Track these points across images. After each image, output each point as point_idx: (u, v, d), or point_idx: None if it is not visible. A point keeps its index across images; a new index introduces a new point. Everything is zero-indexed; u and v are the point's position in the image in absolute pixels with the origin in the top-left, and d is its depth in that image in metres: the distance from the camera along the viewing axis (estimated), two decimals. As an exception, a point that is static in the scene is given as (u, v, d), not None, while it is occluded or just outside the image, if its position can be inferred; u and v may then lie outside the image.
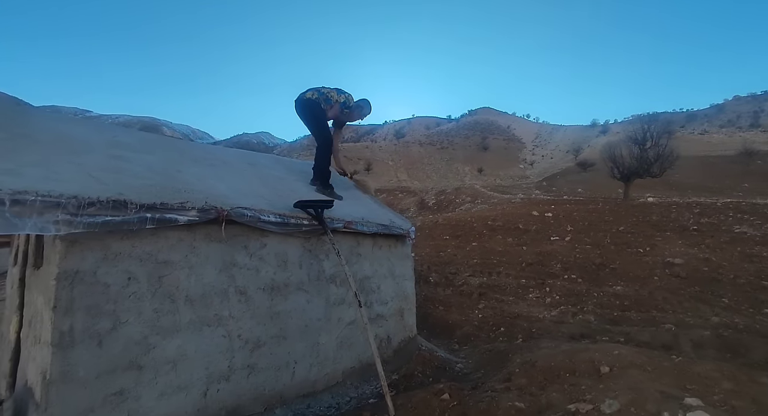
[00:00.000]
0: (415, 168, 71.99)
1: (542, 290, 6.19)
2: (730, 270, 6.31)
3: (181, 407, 2.53)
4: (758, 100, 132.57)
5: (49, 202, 2.04)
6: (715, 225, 10.08)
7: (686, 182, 34.21)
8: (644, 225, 11.39)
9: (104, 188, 2.33)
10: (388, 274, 4.01)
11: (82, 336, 2.20)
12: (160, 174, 2.91)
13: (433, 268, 8.02)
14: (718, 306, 4.86)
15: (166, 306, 2.53)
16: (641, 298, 5.29)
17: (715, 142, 69.40)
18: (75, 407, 2.14)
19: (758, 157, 44.86)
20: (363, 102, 4.20)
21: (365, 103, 4.22)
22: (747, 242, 8.03)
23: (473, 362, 3.70)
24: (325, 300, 3.43)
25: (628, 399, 2.13)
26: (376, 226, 3.77)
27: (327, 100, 3.91)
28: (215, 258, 2.79)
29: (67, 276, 2.17)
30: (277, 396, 3.02)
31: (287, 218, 3.11)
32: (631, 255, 7.85)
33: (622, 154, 22.55)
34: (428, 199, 32.98)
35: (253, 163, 4.46)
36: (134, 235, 2.42)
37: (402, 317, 4.09)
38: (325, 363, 3.36)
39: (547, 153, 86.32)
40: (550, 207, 16.70)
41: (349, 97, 4.07)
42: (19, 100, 3.44)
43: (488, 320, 4.99)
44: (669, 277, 6.28)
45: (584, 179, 41.96)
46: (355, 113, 4.14)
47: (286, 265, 3.19)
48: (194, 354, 2.62)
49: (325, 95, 3.93)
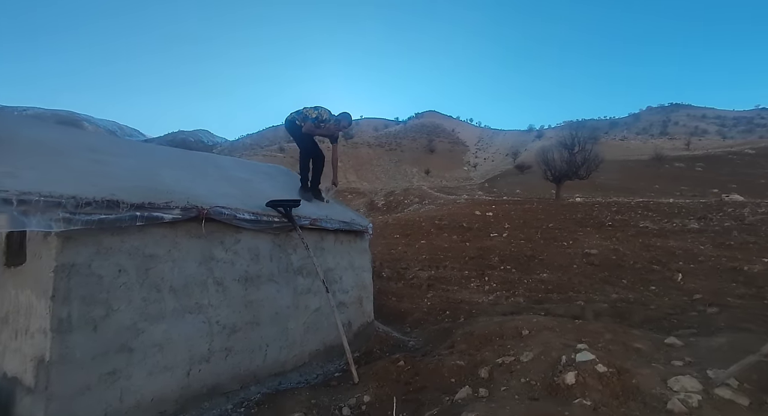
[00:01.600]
0: (363, 169, 72.54)
1: (482, 279, 6.98)
2: (631, 257, 7.56)
3: (167, 385, 2.82)
4: (666, 110, 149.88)
5: (51, 202, 2.29)
6: (626, 221, 11.70)
7: (609, 184, 37.92)
8: (570, 222, 12.85)
9: (97, 189, 2.57)
10: (349, 266, 4.47)
11: (79, 323, 2.44)
12: (141, 176, 3.15)
13: (386, 264, 8.58)
14: (619, 286, 5.92)
15: (153, 295, 2.81)
16: (562, 282, 6.24)
17: (632, 147, 77.39)
18: (73, 385, 2.39)
19: (666, 162, 50.81)
20: (341, 115, 4.57)
21: (343, 116, 4.57)
22: (647, 235, 9.54)
23: (423, 339, 4.28)
24: (293, 289, 3.81)
25: (539, 350, 2.80)
26: (338, 223, 4.22)
27: (304, 117, 4.39)
28: (195, 252, 3.09)
29: (64, 269, 2.40)
30: (252, 375, 3.37)
31: (260, 216, 3.46)
32: (557, 247, 8.98)
33: (554, 157, 24.53)
34: (377, 199, 33.68)
35: (217, 166, 4.70)
36: (123, 231, 2.68)
37: (361, 304, 4.57)
38: (293, 346, 3.74)
39: (489, 156, 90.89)
40: (491, 207, 18.01)
41: (322, 112, 4.45)
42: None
43: (436, 306, 5.62)
44: (585, 265, 7.38)
45: (522, 181, 44.96)
46: (332, 126, 4.48)
47: (258, 259, 3.54)
48: (178, 338, 2.91)
49: (303, 113, 4.41)
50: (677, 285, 5.61)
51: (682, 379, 2.20)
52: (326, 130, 4.50)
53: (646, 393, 2.17)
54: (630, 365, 2.42)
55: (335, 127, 4.52)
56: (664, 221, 11.32)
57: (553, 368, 2.54)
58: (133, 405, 2.64)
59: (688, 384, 2.16)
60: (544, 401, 2.25)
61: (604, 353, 2.57)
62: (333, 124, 4.48)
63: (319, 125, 4.42)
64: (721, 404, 2.00)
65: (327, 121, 4.45)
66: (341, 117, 4.55)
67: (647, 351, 2.70)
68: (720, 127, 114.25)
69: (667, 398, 2.09)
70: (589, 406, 2.12)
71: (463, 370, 2.88)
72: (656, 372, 2.34)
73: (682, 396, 2.07)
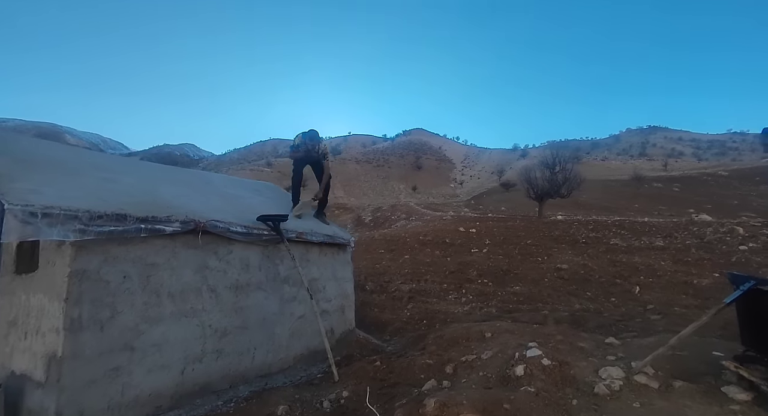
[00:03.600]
0: (351, 185, 73.00)
1: (459, 292, 7.37)
2: (598, 272, 8.08)
3: (164, 382, 3.11)
4: (645, 132, 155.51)
5: (69, 215, 2.62)
6: (599, 239, 12.31)
7: (591, 202, 39.04)
8: (548, 239, 13.41)
9: (106, 204, 2.91)
10: (332, 277, 4.82)
11: (88, 323, 2.75)
12: (143, 192, 3.50)
13: (370, 278, 8.91)
14: (583, 297, 6.38)
15: (153, 299, 3.12)
16: (532, 294, 6.67)
17: (613, 167, 79.92)
18: (82, 379, 2.68)
19: (645, 182, 52.63)
20: (304, 135, 4.87)
21: (305, 135, 4.86)
22: (616, 251, 10.12)
23: (401, 345, 4.61)
24: (280, 297, 4.14)
25: (498, 349, 3.19)
26: (322, 236, 4.59)
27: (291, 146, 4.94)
28: (191, 261, 3.42)
29: (77, 274, 2.72)
30: (241, 375, 3.66)
31: (251, 229, 3.82)
32: (532, 263, 9.46)
33: (536, 176, 25.28)
34: (365, 215, 33.97)
35: (208, 182, 5.06)
36: (128, 242, 3.01)
37: (343, 312, 4.90)
38: (279, 350, 4.05)
39: (475, 173, 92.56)
40: (475, 223, 18.54)
41: (296, 138, 4.85)
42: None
43: (415, 317, 5.97)
44: (556, 279, 7.86)
45: (507, 198, 45.91)
46: (302, 150, 4.83)
47: (248, 268, 3.88)
48: (174, 340, 3.22)
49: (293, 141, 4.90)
50: (634, 297, 6.10)
51: (610, 369, 2.60)
52: (302, 153, 4.80)
53: (580, 380, 2.57)
54: (571, 359, 2.82)
55: (304, 148, 4.78)
56: (633, 239, 11.97)
57: (506, 363, 2.92)
58: (133, 400, 2.92)
59: (614, 372, 2.57)
60: (496, 389, 2.63)
61: (551, 350, 2.97)
62: (303, 147, 4.77)
63: (297, 150, 4.79)
64: (637, 387, 2.40)
65: (299, 145, 4.78)
66: (305, 137, 4.81)
67: (589, 349, 3.10)
68: (695, 150, 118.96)
69: (595, 384, 2.48)
70: (533, 392, 2.50)
71: (431, 367, 3.24)
72: (591, 365, 2.74)
73: (608, 382, 2.47)
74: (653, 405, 2.18)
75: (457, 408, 2.39)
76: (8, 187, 2.56)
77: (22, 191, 2.59)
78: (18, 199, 2.46)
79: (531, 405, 2.36)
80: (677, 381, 2.35)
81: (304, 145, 4.80)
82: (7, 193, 2.48)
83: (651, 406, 2.17)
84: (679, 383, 2.32)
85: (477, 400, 2.42)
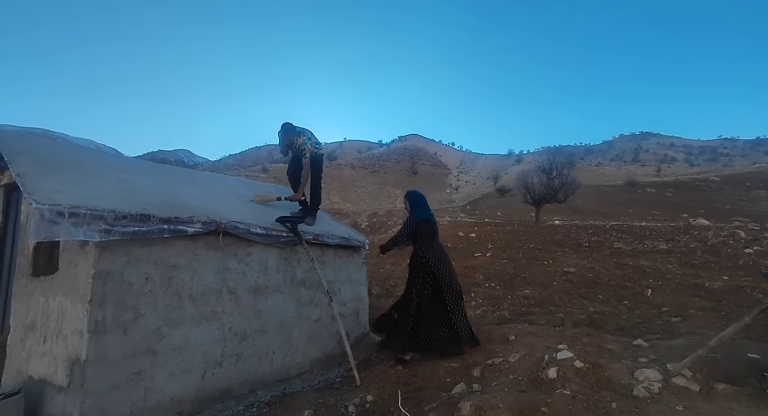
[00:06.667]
0: (347, 190, 72.87)
1: (468, 295, 7.31)
2: (606, 275, 8.08)
3: (184, 387, 3.03)
4: (637, 138, 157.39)
5: (95, 215, 2.56)
6: (601, 243, 12.35)
7: (586, 207, 39.24)
8: (550, 243, 13.42)
9: (130, 204, 2.85)
10: (347, 280, 4.76)
11: (111, 325, 2.68)
12: (162, 193, 3.44)
13: (375, 282, 8.83)
14: (595, 300, 6.37)
15: (174, 302, 3.05)
16: (543, 298, 6.65)
17: (607, 173, 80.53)
18: (106, 383, 2.60)
19: (639, 187, 53.05)
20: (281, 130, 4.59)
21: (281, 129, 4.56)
22: (621, 255, 10.15)
23: (416, 349, 4.56)
24: (297, 300, 4.08)
25: (525, 352, 3.14)
26: (338, 239, 4.54)
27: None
28: (212, 263, 3.35)
29: (101, 276, 2.65)
30: (259, 380, 3.58)
31: (270, 230, 3.76)
32: (538, 266, 9.45)
33: (533, 181, 25.40)
34: (361, 221, 33.86)
35: (225, 185, 5.01)
36: (151, 243, 2.95)
37: (358, 316, 4.84)
38: (296, 354, 3.98)
39: (470, 179, 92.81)
40: (474, 228, 18.52)
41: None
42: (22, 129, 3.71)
43: (425, 321, 5.92)
44: (564, 282, 7.84)
45: (503, 204, 46.02)
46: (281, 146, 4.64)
47: (266, 270, 3.82)
48: (195, 343, 3.14)
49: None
50: (647, 300, 6.09)
51: (646, 371, 2.57)
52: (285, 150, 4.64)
53: (616, 383, 2.54)
54: (603, 361, 2.79)
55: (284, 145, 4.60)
56: (636, 242, 12.01)
57: (537, 366, 2.88)
58: (155, 405, 2.84)
59: (651, 375, 2.54)
60: (530, 392, 2.59)
61: (581, 352, 2.93)
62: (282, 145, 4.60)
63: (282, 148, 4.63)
64: (677, 390, 2.37)
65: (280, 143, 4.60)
66: (279, 133, 4.58)
67: (618, 351, 3.08)
68: (687, 155, 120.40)
69: (633, 386, 2.45)
70: (569, 395, 2.46)
71: (457, 371, 3.19)
72: (625, 367, 2.71)
73: (646, 385, 2.44)
74: (698, 409, 2.14)
75: (493, 412, 2.34)
76: (35, 186, 2.50)
77: (47, 190, 2.53)
78: (45, 198, 2.40)
79: (569, 408, 2.32)
80: (719, 383, 2.32)
81: (282, 142, 4.60)
82: (34, 193, 2.42)
83: (696, 409, 2.14)
84: (721, 386, 2.29)
85: (513, 403, 2.38)
